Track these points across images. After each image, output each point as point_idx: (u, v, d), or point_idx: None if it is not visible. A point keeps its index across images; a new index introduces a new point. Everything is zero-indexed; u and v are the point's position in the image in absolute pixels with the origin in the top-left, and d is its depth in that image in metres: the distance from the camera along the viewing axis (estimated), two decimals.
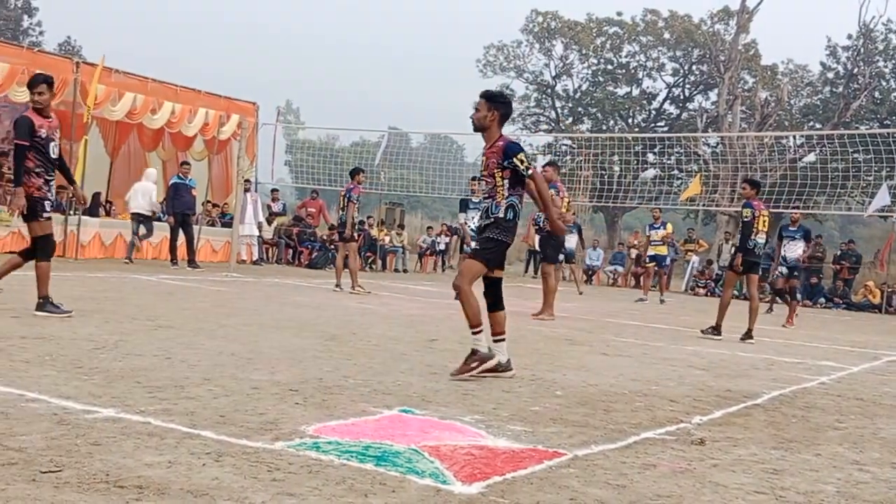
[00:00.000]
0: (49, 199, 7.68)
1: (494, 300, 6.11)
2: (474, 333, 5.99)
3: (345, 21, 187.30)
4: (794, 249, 14.53)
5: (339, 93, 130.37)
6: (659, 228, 18.82)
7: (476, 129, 6.18)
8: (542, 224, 12.25)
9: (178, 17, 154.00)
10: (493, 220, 6.04)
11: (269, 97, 33.42)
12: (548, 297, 11.90)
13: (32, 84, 7.66)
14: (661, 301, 18.51)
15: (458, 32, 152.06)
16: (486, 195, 6.13)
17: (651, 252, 19.07)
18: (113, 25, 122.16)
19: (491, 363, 5.95)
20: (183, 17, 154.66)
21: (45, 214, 7.62)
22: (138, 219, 16.84)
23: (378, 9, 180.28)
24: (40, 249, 7.62)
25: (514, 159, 5.96)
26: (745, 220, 10.71)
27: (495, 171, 6.03)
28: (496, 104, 6.15)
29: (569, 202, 12.47)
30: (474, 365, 5.90)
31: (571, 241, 21.95)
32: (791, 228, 14.71)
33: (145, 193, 16.90)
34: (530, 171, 6.06)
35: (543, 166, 12.43)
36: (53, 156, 7.66)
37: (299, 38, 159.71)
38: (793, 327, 14.08)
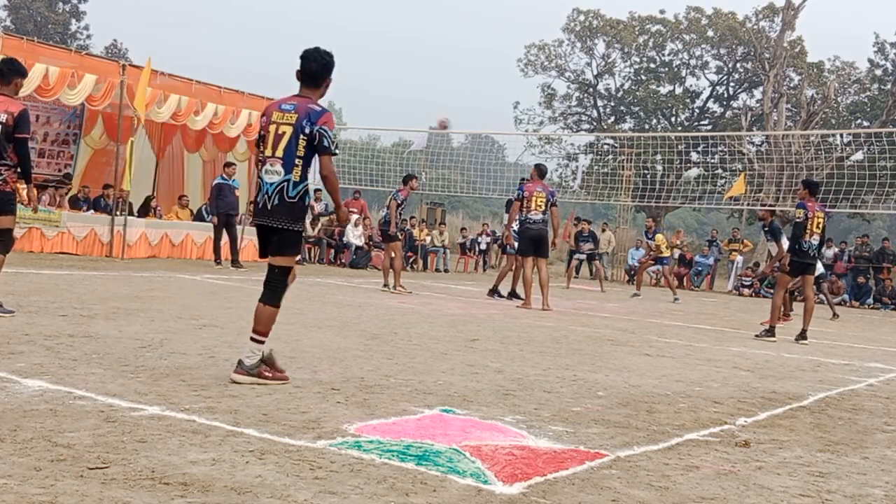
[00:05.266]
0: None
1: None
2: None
3: (383, 24, 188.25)
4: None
5: (381, 94, 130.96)
6: (651, 239, 19.38)
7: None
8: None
9: (221, 18, 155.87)
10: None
11: None
12: (525, 288, 12.91)
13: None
14: (675, 300, 18.38)
15: (500, 32, 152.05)
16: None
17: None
18: (157, 28, 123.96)
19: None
20: (221, 17, 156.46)
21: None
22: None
23: (417, 10, 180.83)
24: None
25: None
26: (798, 220, 10.59)
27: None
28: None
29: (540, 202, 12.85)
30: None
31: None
32: None
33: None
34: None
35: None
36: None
37: (341, 40, 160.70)
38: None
